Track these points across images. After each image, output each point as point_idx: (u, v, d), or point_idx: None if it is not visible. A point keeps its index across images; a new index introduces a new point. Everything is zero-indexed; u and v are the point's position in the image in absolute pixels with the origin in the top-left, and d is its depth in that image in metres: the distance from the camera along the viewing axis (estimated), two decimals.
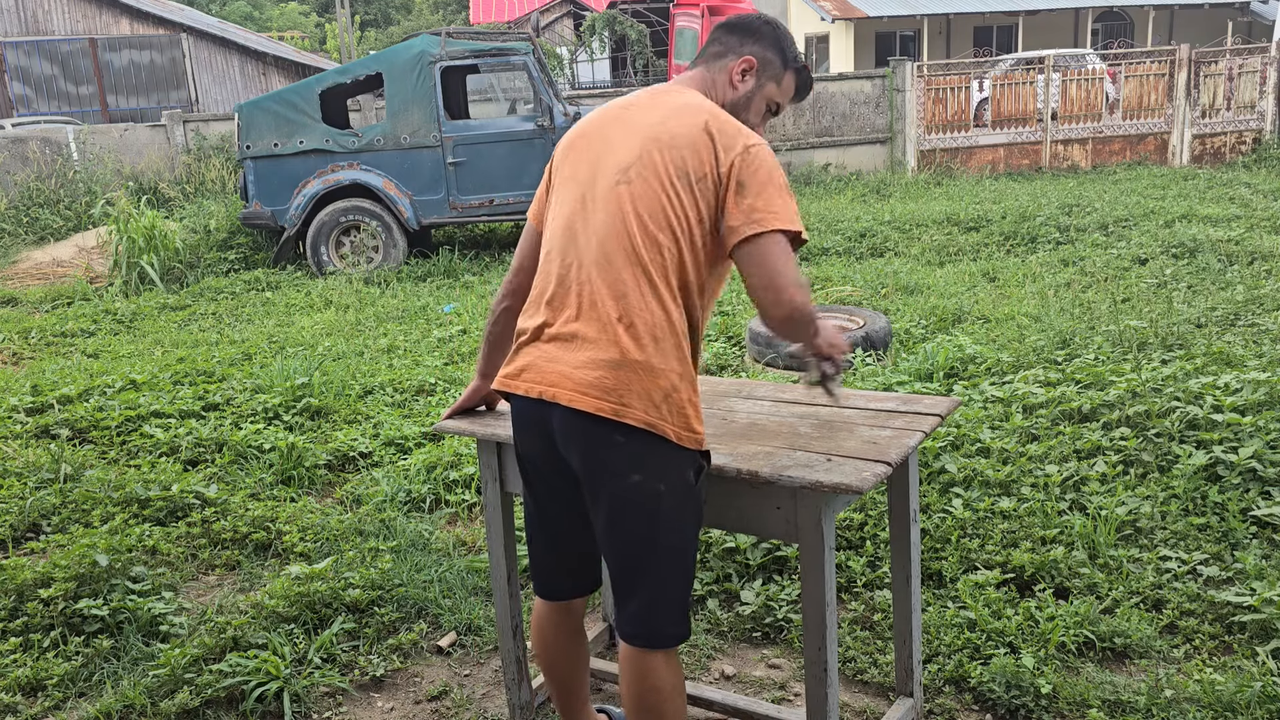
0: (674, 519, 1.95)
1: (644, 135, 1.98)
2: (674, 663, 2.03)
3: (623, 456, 1.91)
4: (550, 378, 1.94)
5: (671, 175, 1.93)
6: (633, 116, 2.05)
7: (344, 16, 27.17)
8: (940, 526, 3.42)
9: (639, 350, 1.88)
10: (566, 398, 1.91)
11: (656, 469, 1.91)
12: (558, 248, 2.00)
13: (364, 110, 13.19)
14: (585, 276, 1.94)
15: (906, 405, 2.34)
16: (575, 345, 1.93)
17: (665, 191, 1.93)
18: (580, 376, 1.90)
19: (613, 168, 1.98)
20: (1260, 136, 14.68)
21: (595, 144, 2.06)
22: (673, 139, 1.96)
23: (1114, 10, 26.53)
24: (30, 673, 2.87)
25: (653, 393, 1.89)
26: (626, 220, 1.92)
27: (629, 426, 1.88)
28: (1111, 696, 2.57)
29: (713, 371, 5.69)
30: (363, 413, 5.07)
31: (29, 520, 3.87)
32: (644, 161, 1.95)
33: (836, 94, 14.06)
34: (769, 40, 2.14)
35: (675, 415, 1.90)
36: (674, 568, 1.99)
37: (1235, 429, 3.72)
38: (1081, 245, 8.48)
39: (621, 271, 1.91)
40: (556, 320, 1.97)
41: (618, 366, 1.88)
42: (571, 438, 1.95)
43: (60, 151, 12.35)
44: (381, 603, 3.22)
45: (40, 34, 19.16)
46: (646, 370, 1.88)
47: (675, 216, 1.93)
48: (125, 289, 9.08)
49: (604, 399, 1.88)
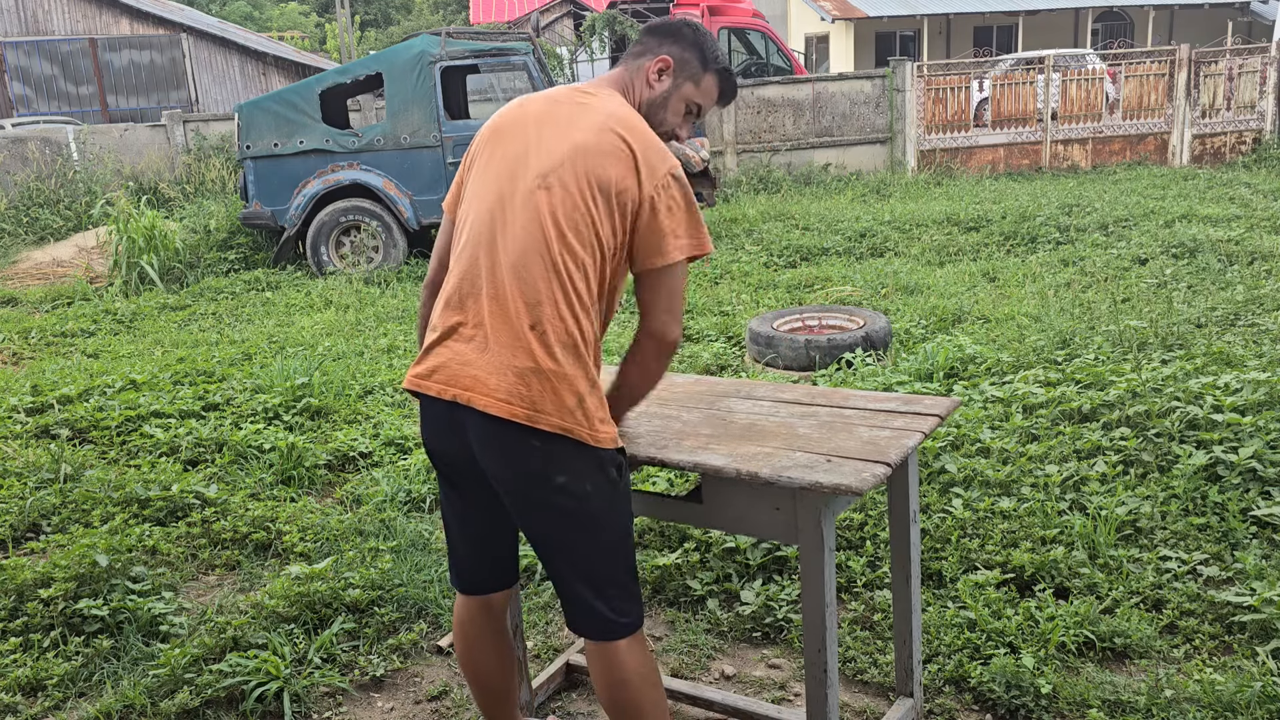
0: (607, 514, 1.99)
1: (567, 141, 1.97)
2: (637, 649, 2.04)
3: (541, 460, 1.92)
4: (464, 381, 1.93)
5: (592, 187, 1.93)
6: (556, 116, 2.03)
7: (344, 16, 27.17)
8: (940, 526, 3.42)
9: (550, 359, 1.89)
10: (482, 403, 1.91)
11: (579, 471, 1.93)
12: (471, 246, 1.99)
13: (364, 110, 13.20)
14: (499, 280, 1.93)
15: (906, 405, 2.34)
16: (488, 350, 1.92)
17: (584, 203, 1.93)
18: (494, 382, 1.90)
19: (533, 170, 1.96)
20: (1260, 136, 14.67)
21: (515, 140, 2.03)
22: (597, 149, 1.95)
23: (1114, 10, 26.53)
24: (30, 673, 2.87)
25: (565, 399, 1.90)
26: (545, 228, 1.92)
27: (544, 432, 1.89)
28: (1111, 696, 2.57)
29: (713, 371, 5.69)
30: (363, 413, 5.07)
31: (29, 520, 3.87)
32: (565, 169, 1.94)
33: (836, 94, 14.06)
34: (688, 41, 2.14)
35: (587, 420, 1.92)
36: (615, 558, 2.02)
37: (1235, 429, 3.72)
38: (1081, 245, 8.47)
39: (538, 281, 1.90)
40: (469, 322, 1.96)
41: (531, 374, 1.89)
42: (488, 442, 1.95)
43: (60, 151, 12.35)
44: (381, 603, 3.22)
45: (40, 34, 19.16)
46: (559, 378, 1.89)
47: (592, 229, 1.93)
48: (125, 289, 9.08)
49: (518, 405, 1.89)
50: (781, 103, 13.86)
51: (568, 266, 1.91)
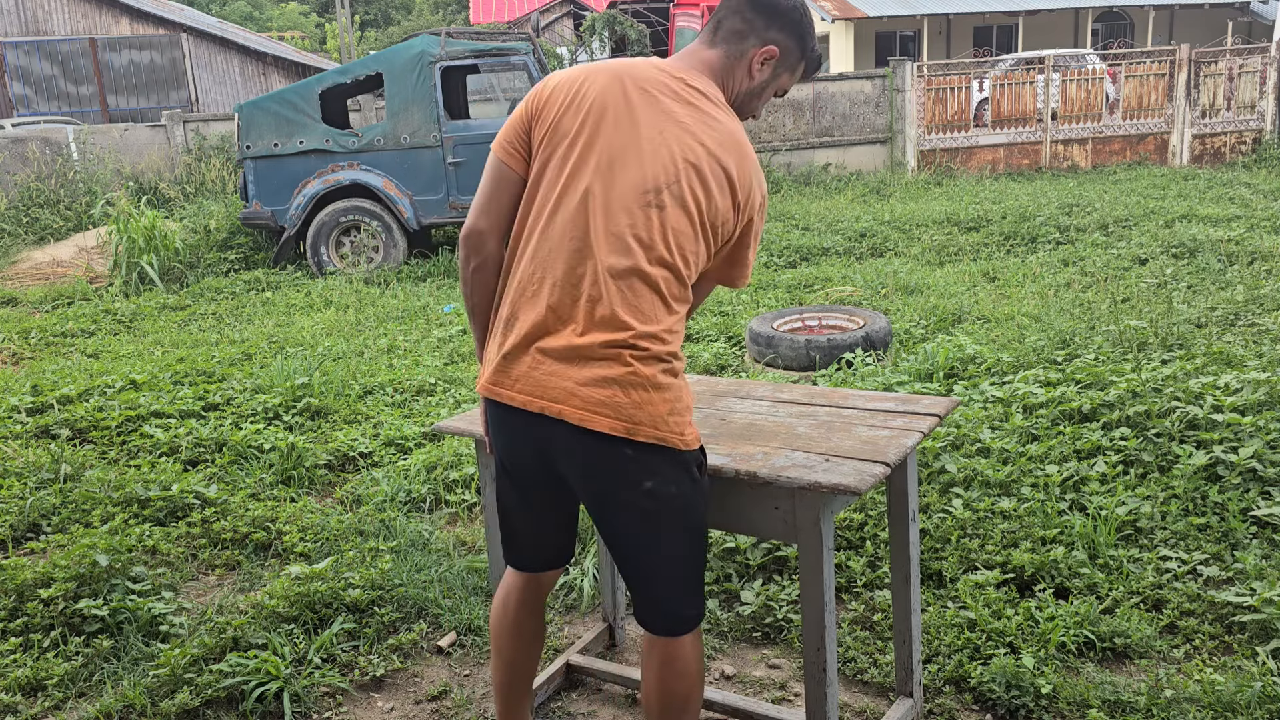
0: (692, 512, 1.98)
1: (677, 150, 1.89)
2: (698, 644, 2.06)
3: (635, 468, 1.90)
4: (553, 393, 1.88)
5: (704, 214, 1.90)
6: (667, 116, 1.91)
7: (344, 16, 27.17)
8: (940, 526, 3.42)
9: (648, 369, 1.87)
10: (576, 416, 1.86)
11: (667, 475, 1.92)
12: (566, 242, 1.88)
13: (364, 110, 13.20)
14: (599, 291, 1.86)
15: (905, 405, 2.34)
16: (580, 361, 1.87)
17: (695, 226, 1.90)
18: (588, 394, 1.86)
19: (639, 177, 1.87)
20: (1260, 136, 14.68)
21: (619, 131, 1.89)
22: (710, 171, 1.90)
23: (1114, 10, 26.52)
24: (30, 673, 2.86)
25: (660, 408, 1.88)
26: (655, 247, 1.87)
27: (639, 442, 1.88)
28: (1111, 696, 2.57)
29: (713, 371, 5.69)
30: (363, 413, 5.07)
31: (29, 520, 3.87)
32: (680, 188, 1.88)
33: (837, 94, 14.06)
34: (793, 27, 1.98)
35: (680, 426, 1.91)
36: (691, 556, 2.02)
37: (1235, 429, 3.72)
38: (1081, 245, 8.47)
39: (641, 297, 1.87)
40: (562, 330, 1.88)
41: (628, 386, 1.85)
42: (576, 453, 1.92)
43: (60, 151, 12.35)
44: (381, 603, 3.22)
45: (40, 34, 19.17)
46: (655, 388, 1.87)
47: (698, 250, 1.93)
48: (125, 289, 9.08)
49: (616, 418, 1.86)
50: (781, 102, 13.86)
51: (670, 285, 1.89)
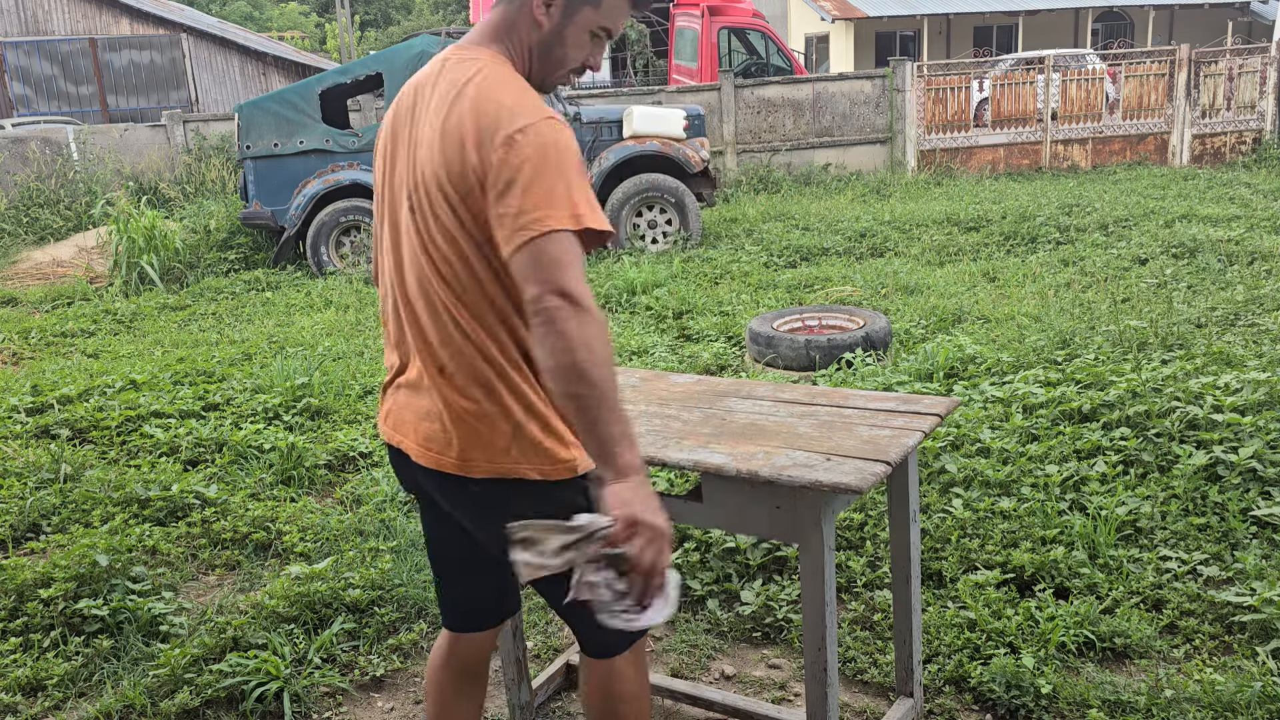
0: None
1: (425, 140, 1.68)
2: (633, 664, 1.92)
3: (485, 505, 1.74)
4: (403, 427, 1.82)
5: (447, 194, 1.64)
6: (420, 108, 1.73)
7: (344, 16, 27.17)
8: (940, 526, 3.42)
9: (468, 401, 1.70)
10: (414, 452, 1.79)
11: (538, 509, 1.66)
12: (388, 276, 1.81)
13: (364, 110, 13.19)
14: (410, 319, 1.76)
15: (906, 405, 2.34)
16: (416, 393, 1.79)
17: (447, 214, 1.65)
18: (422, 429, 1.77)
19: (401, 185, 1.74)
20: (1260, 136, 14.67)
21: (397, 137, 1.77)
22: (443, 146, 1.64)
23: (1114, 10, 26.52)
24: (30, 673, 2.87)
25: (495, 440, 1.70)
26: (419, 257, 1.70)
27: (479, 479, 1.72)
28: (1111, 696, 2.57)
29: (713, 371, 5.69)
30: (363, 413, 5.07)
31: (29, 520, 3.87)
32: (424, 180, 1.67)
33: (836, 94, 14.06)
34: None
35: (532, 454, 1.71)
36: None
37: (1235, 429, 3.72)
38: (1081, 245, 8.47)
39: (436, 316, 1.71)
40: (405, 362, 1.82)
41: (451, 420, 1.72)
42: (433, 489, 1.82)
43: (60, 151, 12.35)
44: (381, 603, 3.22)
45: (40, 34, 19.16)
46: (480, 419, 1.70)
47: (463, 243, 1.65)
48: (125, 289, 9.08)
49: (444, 454, 1.73)
50: (781, 103, 13.86)
51: (452, 294, 1.68)
